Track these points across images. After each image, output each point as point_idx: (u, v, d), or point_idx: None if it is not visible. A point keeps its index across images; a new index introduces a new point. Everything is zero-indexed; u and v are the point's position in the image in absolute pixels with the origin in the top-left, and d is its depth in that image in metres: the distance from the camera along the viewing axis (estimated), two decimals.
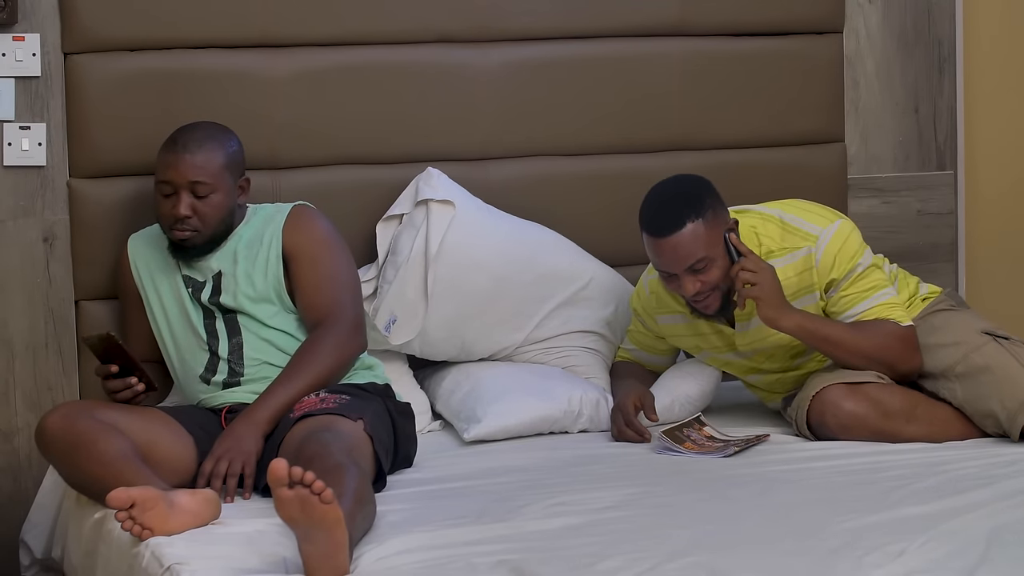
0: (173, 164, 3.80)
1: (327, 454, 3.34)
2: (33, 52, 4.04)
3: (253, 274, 3.87)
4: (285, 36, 4.25)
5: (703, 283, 3.83)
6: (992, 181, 4.95)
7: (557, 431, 4.08)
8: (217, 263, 3.87)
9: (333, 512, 2.91)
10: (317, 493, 2.89)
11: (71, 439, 3.51)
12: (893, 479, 3.54)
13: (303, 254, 3.88)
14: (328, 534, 2.92)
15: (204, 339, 3.85)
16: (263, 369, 3.82)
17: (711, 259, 3.82)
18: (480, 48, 4.42)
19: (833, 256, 3.90)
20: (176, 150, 3.81)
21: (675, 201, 3.84)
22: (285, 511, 2.91)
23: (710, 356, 4.12)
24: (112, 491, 3.22)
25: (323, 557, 2.92)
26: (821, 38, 4.71)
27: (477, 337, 4.21)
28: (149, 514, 3.21)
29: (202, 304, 3.86)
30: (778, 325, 3.82)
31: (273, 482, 2.91)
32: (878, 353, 3.88)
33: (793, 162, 4.58)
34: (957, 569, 2.91)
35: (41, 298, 4.11)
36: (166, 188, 3.81)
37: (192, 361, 3.86)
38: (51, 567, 3.92)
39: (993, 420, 3.85)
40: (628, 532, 3.19)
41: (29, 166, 4.08)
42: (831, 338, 3.87)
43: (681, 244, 3.79)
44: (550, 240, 4.35)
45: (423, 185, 4.25)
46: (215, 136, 3.86)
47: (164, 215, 3.83)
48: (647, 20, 4.54)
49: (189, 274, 3.89)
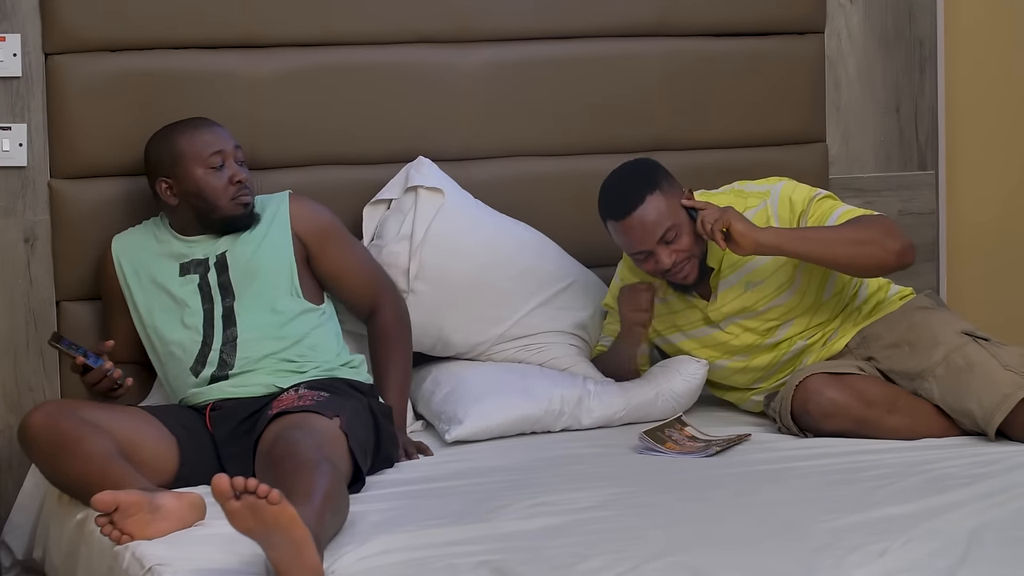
0: (217, 135, 3.93)
1: (297, 452, 3.34)
2: (14, 52, 4.03)
3: (259, 255, 3.90)
4: (266, 36, 4.25)
5: (677, 252, 3.94)
6: (973, 181, 4.96)
7: (539, 430, 4.08)
8: (223, 244, 3.92)
9: (285, 512, 2.89)
10: (263, 497, 2.87)
11: (55, 438, 3.50)
12: (875, 479, 3.55)
13: (327, 239, 4.03)
14: (285, 535, 2.90)
15: (200, 329, 3.85)
16: (251, 363, 3.82)
17: (679, 226, 3.93)
18: (462, 49, 4.42)
19: (788, 197, 4.03)
20: (208, 124, 3.94)
21: (629, 181, 3.99)
22: (239, 523, 2.90)
23: (686, 339, 4.14)
24: (98, 494, 3.21)
25: (291, 559, 2.90)
26: (802, 38, 4.72)
27: (454, 329, 4.21)
28: (130, 520, 3.21)
29: (203, 290, 3.87)
30: (756, 239, 3.85)
31: (219, 497, 2.89)
32: (864, 234, 3.90)
33: (774, 162, 4.58)
34: (939, 568, 2.92)
35: (22, 299, 4.11)
36: (215, 160, 3.89)
37: (182, 354, 3.86)
38: (32, 568, 3.91)
39: (970, 418, 3.86)
40: (609, 532, 3.19)
41: (10, 167, 4.07)
42: (811, 236, 3.91)
43: (647, 218, 3.92)
44: (535, 239, 4.35)
45: (414, 172, 4.27)
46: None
47: (222, 188, 3.91)
48: (628, 20, 4.54)
49: (192, 257, 3.91)
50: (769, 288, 4.04)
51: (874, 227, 3.92)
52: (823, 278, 4.07)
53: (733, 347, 4.10)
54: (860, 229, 3.91)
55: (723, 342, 4.10)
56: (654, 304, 4.01)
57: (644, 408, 4.11)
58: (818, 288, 4.07)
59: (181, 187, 3.90)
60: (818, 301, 4.07)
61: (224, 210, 3.91)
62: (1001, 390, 3.82)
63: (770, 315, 4.05)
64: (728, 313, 4.06)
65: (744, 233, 3.84)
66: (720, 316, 4.06)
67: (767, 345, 4.08)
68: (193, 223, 3.94)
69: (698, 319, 4.10)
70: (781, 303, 4.05)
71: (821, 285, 4.07)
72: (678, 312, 4.12)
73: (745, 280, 4.04)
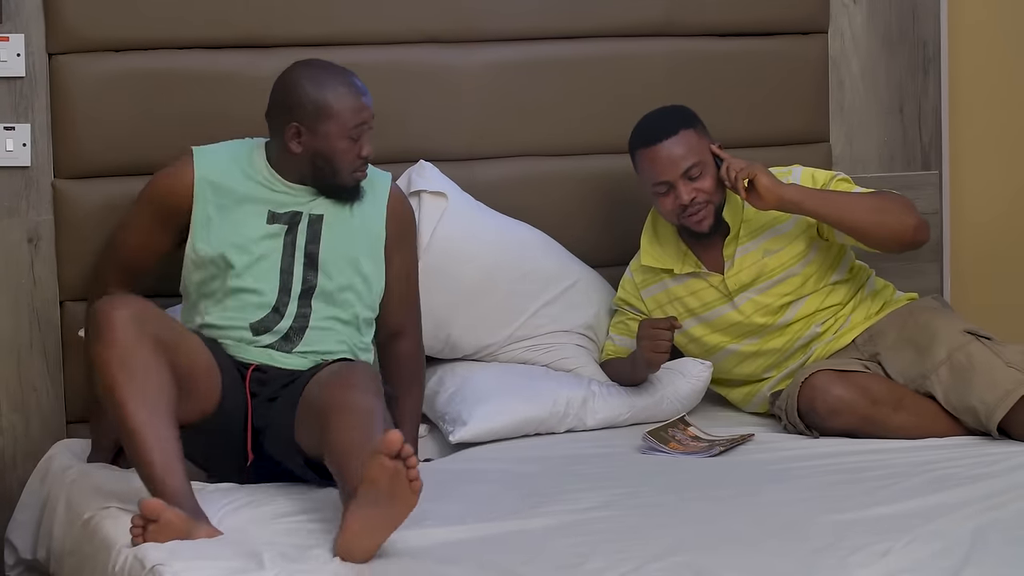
0: (363, 104, 3.75)
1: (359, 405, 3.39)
2: (17, 52, 4.03)
3: (355, 237, 3.82)
4: (270, 36, 4.25)
5: (697, 191, 4.01)
6: (977, 181, 4.96)
7: (543, 432, 4.08)
8: (321, 205, 3.80)
9: (412, 497, 3.03)
10: (411, 479, 3.01)
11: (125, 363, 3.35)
12: (877, 479, 3.55)
13: (406, 238, 3.96)
14: (392, 509, 3.02)
15: (274, 291, 3.74)
16: (311, 349, 3.75)
17: (704, 165, 4.04)
18: (467, 48, 4.42)
19: (811, 174, 4.13)
20: (358, 88, 3.76)
21: (666, 114, 4.12)
22: (375, 473, 3.01)
23: (698, 323, 4.14)
24: (148, 500, 3.16)
25: (365, 530, 3.02)
26: (806, 38, 4.72)
27: (463, 332, 4.21)
28: (162, 536, 3.14)
29: (286, 248, 3.75)
30: (780, 193, 3.96)
31: (384, 446, 3.00)
32: (884, 204, 4.01)
33: (778, 162, 4.55)
34: (942, 568, 2.92)
35: (26, 299, 4.11)
36: (357, 133, 3.73)
37: (237, 313, 3.73)
38: (36, 567, 3.91)
39: (973, 415, 3.87)
40: (612, 532, 3.19)
41: (13, 167, 4.07)
42: (833, 197, 4.02)
43: (675, 149, 4.03)
44: (539, 240, 4.35)
45: (416, 176, 4.26)
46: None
47: (351, 159, 3.73)
48: (633, 20, 4.54)
49: (288, 209, 3.77)
50: (785, 256, 4.07)
51: (894, 200, 4.03)
52: (837, 255, 4.12)
53: (745, 328, 4.11)
54: (881, 199, 4.03)
55: (736, 322, 4.11)
56: (673, 339, 3.98)
57: (649, 410, 4.11)
58: (832, 264, 4.12)
59: (312, 142, 3.73)
60: (828, 279, 4.10)
61: (343, 179, 3.77)
62: (1004, 386, 3.83)
63: (784, 288, 4.07)
64: (744, 281, 4.07)
65: (768, 187, 3.94)
66: (736, 284, 4.08)
67: (779, 326, 4.08)
68: (302, 173, 3.78)
69: (714, 297, 4.11)
70: (796, 272, 4.07)
71: (835, 262, 4.12)
72: (696, 292, 4.13)
73: (763, 247, 4.08)
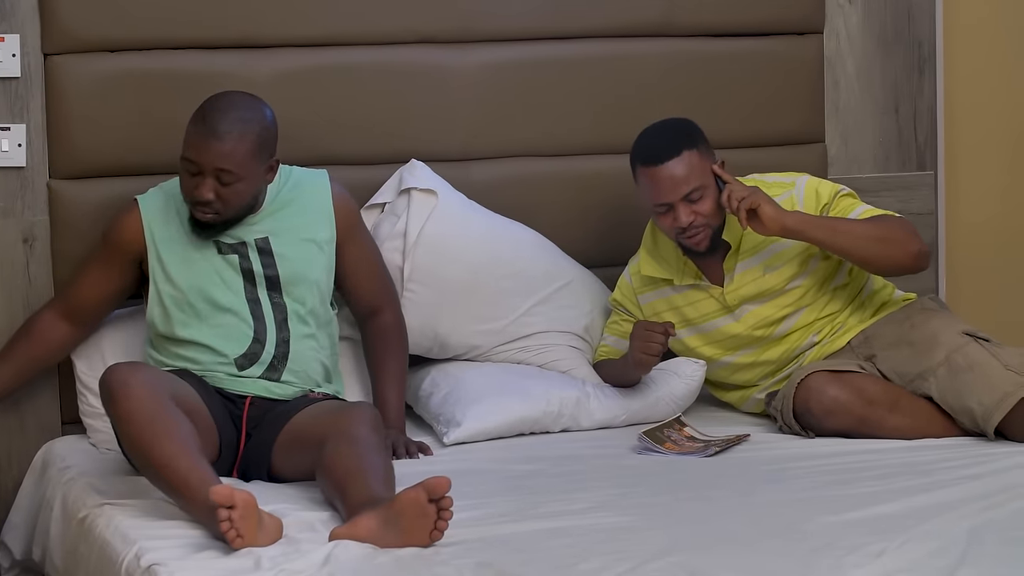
0: (200, 146, 3.65)
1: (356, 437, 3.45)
2: (13, 53, 4.03)
3: (303, 247, 3.84)
4: (266, 37, 4.25)
5: (696, 214, 3.97)
6: (972, 181, 4.96)
7: (538, 431, 4.08)
8: (259, 229, 3.81)
9: (426, 541, 3.10)
10: (438, 529, 3.11)
11: (151, 420, 3.37)
12: (873, 479, 3.55)
13: (356, 238, 3.98)
14: (402, 538, 3.08)
15: (249, 322, 3.78)
16: (298, 369, 3.79)
17: (705, 188, 3.99)
18: (461, 49, 4.42)
19: (815, 189, 4.10)
20: (205, 133, 3.65)
21: (669, 132, 4.06)
22: (407, 506, 3.09)
23: (694, 334, 4.14)
24: (217, 487, 3.10)
25: (367, 537, 3.09)
26: (801, 39, 4.72)
27: (451, 330, 4.21)
28: (247, 522, 3.10)
29: (246, 275, 3.79)
30: (783, 222, 3.92)
31: (431, 485, 3.09)
32: (887, 232, 3.98)
33: (774, 162, 4.58)
34: (937, 568, 2.92)
35: (21, 299, 4.10)
36: (191, 167, 3.68)
37: (222, 343, 3.76)
38: (31, 568, 3.91)
39: (970, 417, 3.87)
40: (608, 533, 3.19)
41: (9, 167, 4.06)
42: (837, 226, 3.99)
43: (677, 171, 3.97)
44: (530, 239, 4.35)
45: (406, 175, 4.26)
46: (247, 118, 3.70)
47: (186, 191, 3.72)
48: (629, 21, 4.54)
49: (226, 240, 3.79)
50: (787, 272, 4.07)
51: (897, 227, 4.00)
52: (837, 262, 4.11)
53: (742, 340, 4.10)
54: (884, 227, 3.99)
55: (734, 335, 4.10)
56: (667, 344, 3.98)
57: (644, 411, 4.10)
58: (832, 271, 4.11)
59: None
60: (828, 287, 4.10)
61: (190, 210, 3.75)
62: (1002, 389, 3.82)
63: (785, 299, 4.06)
64: (745, 296, 4.07)
65: (772, 216, 3.90)
66: (736, 299, 4.07)
67: (776, 337, 4.08)
68: None
69: (714, 309, 4.10)
70: (798, 284, 4.07)
71: (835, 269, 4.11)
72: (695, 303, 4.12)
73: (764, 264, 4.07)
